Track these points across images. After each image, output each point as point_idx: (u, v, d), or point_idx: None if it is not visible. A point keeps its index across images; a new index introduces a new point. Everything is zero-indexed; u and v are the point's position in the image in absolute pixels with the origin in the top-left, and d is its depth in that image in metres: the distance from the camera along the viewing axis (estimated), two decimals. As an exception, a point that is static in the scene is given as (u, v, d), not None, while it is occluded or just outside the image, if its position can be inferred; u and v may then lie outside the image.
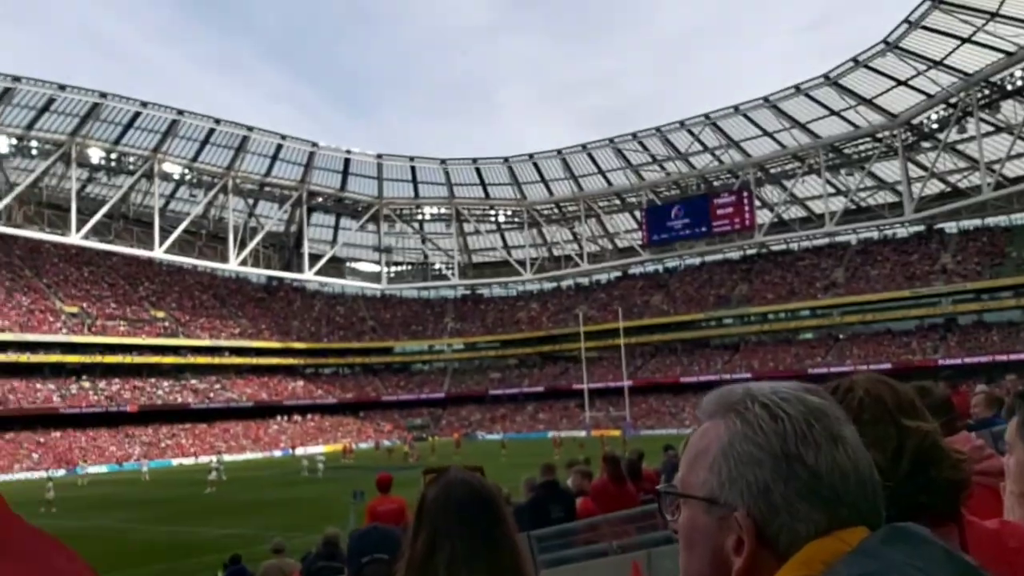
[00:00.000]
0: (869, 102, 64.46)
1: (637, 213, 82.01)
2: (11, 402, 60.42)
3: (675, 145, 75.17)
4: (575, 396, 73.73)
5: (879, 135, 67.32)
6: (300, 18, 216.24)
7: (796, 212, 77.52)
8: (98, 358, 66.59)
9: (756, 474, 0.86)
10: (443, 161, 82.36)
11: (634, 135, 75.12)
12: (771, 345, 72.71)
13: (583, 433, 64.01)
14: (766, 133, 71.17)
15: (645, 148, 76.51)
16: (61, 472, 54.64)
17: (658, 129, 73.89)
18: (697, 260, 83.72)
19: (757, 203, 75.14)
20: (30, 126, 64.27)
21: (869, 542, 0.81)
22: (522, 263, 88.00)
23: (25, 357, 62.66)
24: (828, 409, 0.90)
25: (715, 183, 77.57)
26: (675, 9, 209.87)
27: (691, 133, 72.99)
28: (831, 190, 72.12)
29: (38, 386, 63.33)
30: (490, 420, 78.22)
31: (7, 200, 64.14)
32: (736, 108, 69.26)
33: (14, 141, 63.76)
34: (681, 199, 78.19)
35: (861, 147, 69.63)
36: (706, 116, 70.92)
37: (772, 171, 75.07)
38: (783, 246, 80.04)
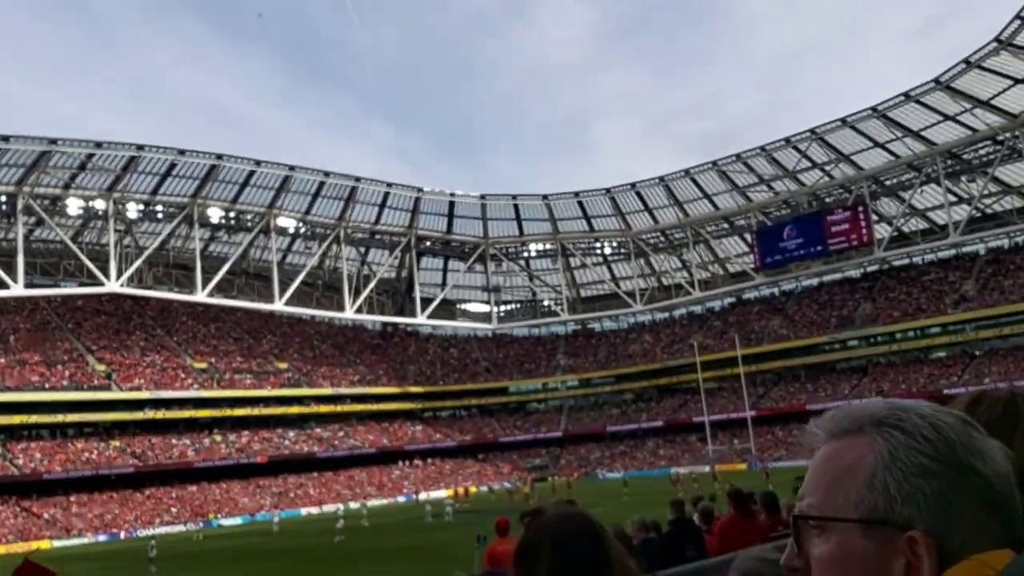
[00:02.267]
0: (986, 103, 61.15)
1: (747, 236, 79.90)
2: (149, 458, 63.37)
3: (781, 163, 73.15)
4: (696, 429, 71.73)
5: (1000, 137, 63.65)
6: (402, 73, 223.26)
7: (917, 224, 73.90)
8: (227, 412, 69.27)
9: (932, 485, 0.79)
10: (545, 197, 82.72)
11: (738, 156, 73.57)
12: (901, 366, 69.06)
13: (707, 468, 62.10)
14: (877, 144, 68.44)
15: (750, 168, 74.75)
16: (200, 525, 56.72)
17: (763, 148, 72.14)
18: (815, 281, 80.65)
19: (874, 217, 72.03)
20: (155, 191, 68.24)
21: (1015, 566, 0.76)
22: (631, 294, 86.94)
23: (161, 414, 65.81)
24: (973, 420, 0.85)
25: (827, 199, 74.88)
26: (772, 28, 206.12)
27: (797, 150, 70.89)
28: (953, 198, 68.50)
29: (173, 441, 66.24)
30: (609, 458, 76.97)
31: (138, 263, 67.95)
32: (844, 121, 66.94)
33: (141, 206, 67.73)
34: (793, 218, 75.68)
35: (982, 151, 65.97)
36: (812, 131, 68.79)
37: (887, 183, 71.96)
38: (906, 260, 76.28)
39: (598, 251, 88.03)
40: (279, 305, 74.91)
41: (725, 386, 75.08)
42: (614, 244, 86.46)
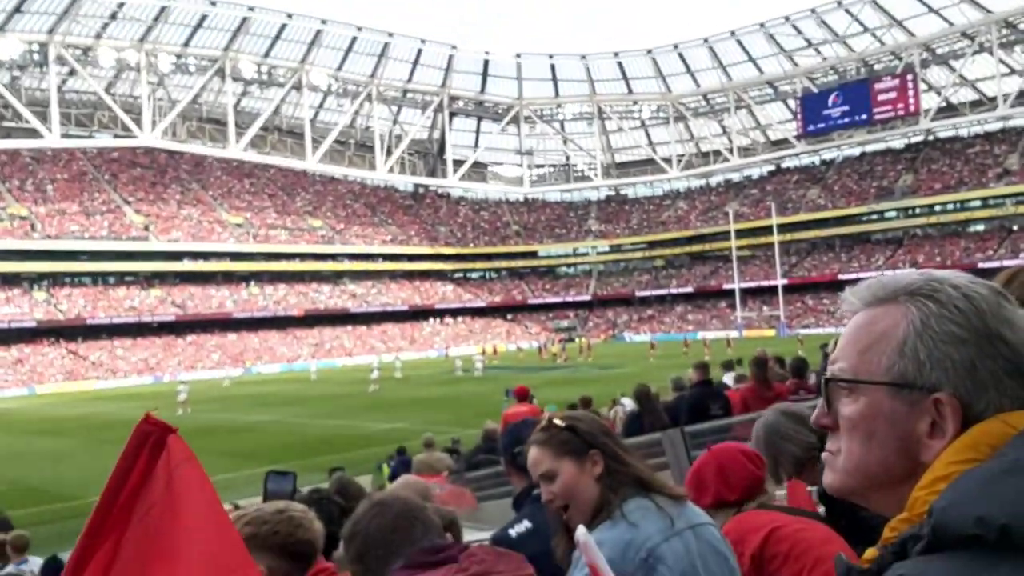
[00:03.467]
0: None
1: (791, 102, 77.55)
2: (190, 307, 65.30)
3: (831, 27, 70.07)
4: (726, 296, 72.10)
5: (1064, 4, 60.25)
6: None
7: (966, 95, 71.29)
8: (263, 265, 70.65)
9: (961, 352, 0.83)
10: (583, 56, 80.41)
11: (787, 18, 70.52)
12: (938, 238, 68.17)
13: (736, 334, 62.78)
14: (932, 10, 65.24)
15: (799, 32, 71.72)
16: (239, 371, 58.99)
17: (813, 10, 68.97)
18: (857, 151, 78.70)
19: (923, 86, 69.46)
20: (187, 43, 67.22)
21: None
22: (668, 160, 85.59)
23: (199, 265, 67.30)
24: (1006, 292, 0.88)
25: (876, 67, 72.00)
26: None
27: (849, 13, 67.75)
28: (1005, 70, 65.65)
29: (212, 292, 68.01)
30: (637, 321, 77.92)
31: (171, 116, 67.79)
32: (903, -19, 63.51)
33: (173, 59, 66.91)
34: (839, 85, 73.09)
35: (1041, 20, 62.69)
36: (868, -8, 65.46)
37: (939, 51, 68.93)
38: (951, 132, 73.96)
39: (636, 115, 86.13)
40: (312, 163, 74.86)
41: (758, 254, 74.85)
42: (653, 108, 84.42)
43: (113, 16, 62.68)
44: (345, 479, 4.47)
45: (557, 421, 1.91)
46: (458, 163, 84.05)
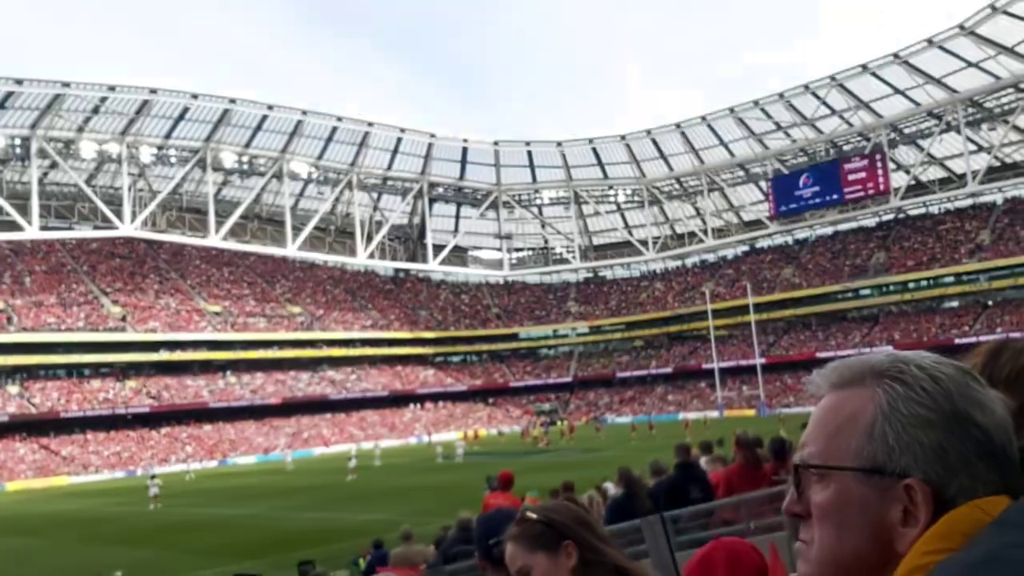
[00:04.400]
0: (1010, 50, 59.90)
1: (763, 184, 79.23)
2: (165, 399, 64.37)
3: (800, 111, 72.13)
4: (705, 376, 72.15)
5: (1023, 85, 62.45)
6: (416, 16, 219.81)
7: (935, 173, 73.00)
8: (241, 354, 70.05)
9: (929, 436, 0.81)
10: (559, 143, 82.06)
11: (756, 102, 72.56)
12: (913, 315, 68.94)
13: (716, 414, 62.60)
14: (898, 91, 67.32)
15: (768, 116, 73.79)
16: (213, 463, 57.88)
17: (781, 95, 71.09)
18: (829, 230, 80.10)
19: (892, 165, 71.22)
20: (168, 135, 68.08)
21: (1012, 512, 0.76)
22: (644, 242, 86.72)
23: (176, 355, 66.62)
24: (973, 371, 0.87)
25: (845, 147, 74.03)
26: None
27: (816, 96, 69.83)
28: (972, 147, 67.51)
29: (188, 382, 67.17)
30: (619, 403, 77.63)
31: (152, 207, 68.17)
32: (864, 67, 65.78)
33: (154, 150, 67.65)
34: (809, 166, 74.94)
35: (1004, 99, 64.95)
36: (832, 78, 67.70)
37: (906, 131, 70.97)
38: (922, 210, 75.56)
39: (611, 199, 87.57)
40: (292, 250, 75.16)
41: (736, 334, 75.25)
42: (628, 192, 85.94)
43: (95, 110, 63.54)
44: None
45: (530, 514, 1.89)
46: (438, 248, 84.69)
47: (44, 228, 64.62)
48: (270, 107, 68.54)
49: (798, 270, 77.41)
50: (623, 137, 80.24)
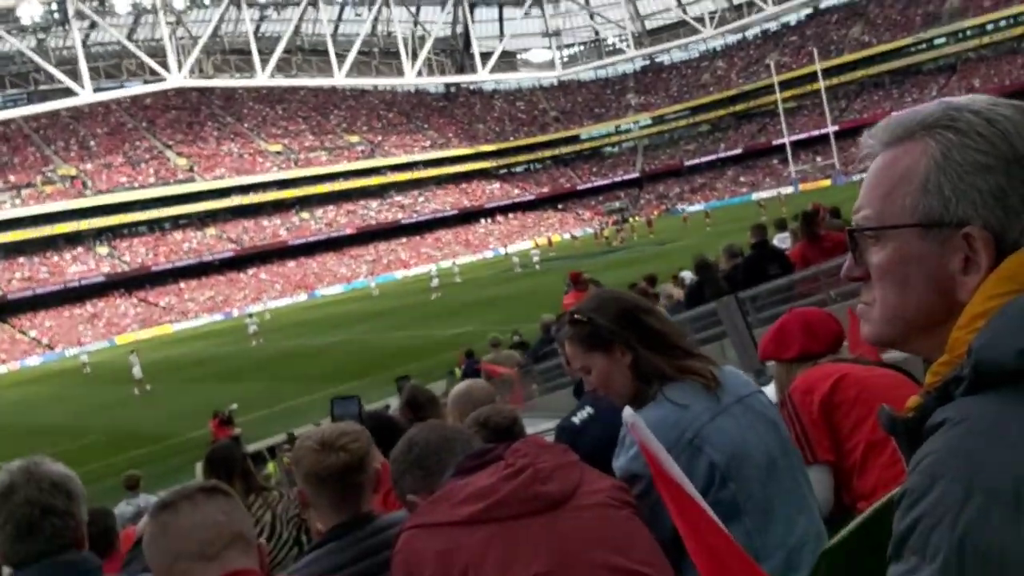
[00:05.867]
0: None
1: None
2: (245, 242, 66.47)
3: None
4: (776, 152, 70.25)
5: None
6: None
7: None
8: (309, 189, 71.14)
9: (988, 181, 0.78)
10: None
11: None
12: (993, 59, 64.79)
13: (790, 189, 61.41)
14: None
15: None
16: (303, 297, 60.39)
17: None
18: (899, -22, 74.35)
19: None
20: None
21: None
22: (700, 19, 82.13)
23: (248, 198, 68.11)
24: None
25: None
26: None
27: None
28: None
29: (264, 223, 68.97)
30: (690, 191, 76.67)
31: (195, 53, 67.30)
32: None
33: (186, -6, 66.00)
34: (874, -90, 68.61)
35: None
36: None
37: None
38: (1001, -59, 69.12)
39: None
40: (340, 78, 73.87)
41: (805, 104, 72.32)
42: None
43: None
44: (414, 388, 4.55)
45: (578, 316, 1.87)
46: (485, 56, 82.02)
47: (97, 90, 64.79)
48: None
49: (867, 26, 72.79)
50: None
